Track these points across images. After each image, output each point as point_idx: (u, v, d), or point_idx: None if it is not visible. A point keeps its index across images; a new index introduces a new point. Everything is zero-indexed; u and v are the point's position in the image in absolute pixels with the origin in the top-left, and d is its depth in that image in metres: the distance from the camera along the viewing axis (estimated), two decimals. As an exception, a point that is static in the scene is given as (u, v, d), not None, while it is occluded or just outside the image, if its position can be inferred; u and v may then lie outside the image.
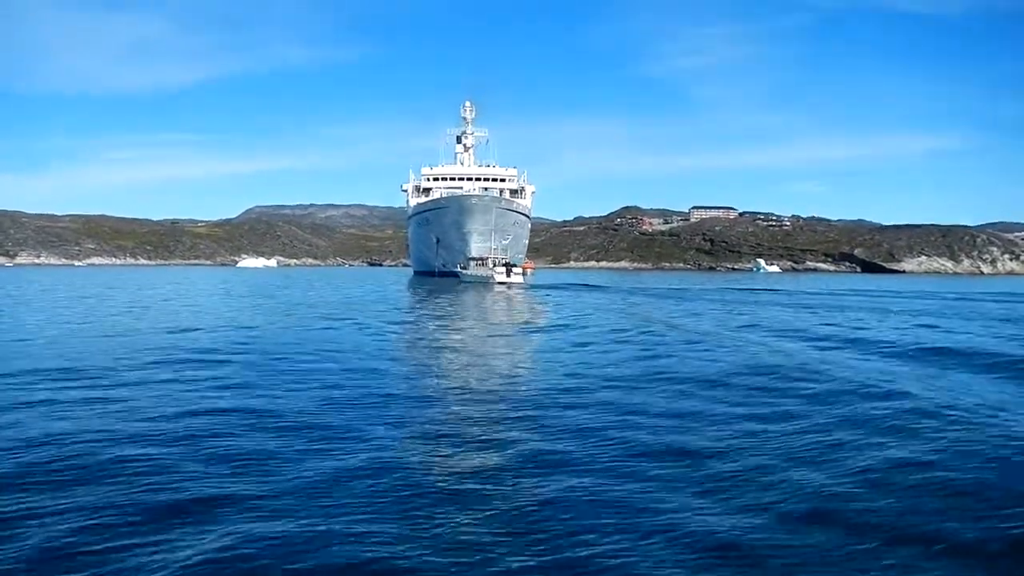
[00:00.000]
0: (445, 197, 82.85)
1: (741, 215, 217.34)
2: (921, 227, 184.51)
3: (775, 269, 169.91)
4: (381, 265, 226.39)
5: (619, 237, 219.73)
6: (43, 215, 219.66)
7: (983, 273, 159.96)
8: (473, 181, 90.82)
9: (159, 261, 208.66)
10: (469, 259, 72.88)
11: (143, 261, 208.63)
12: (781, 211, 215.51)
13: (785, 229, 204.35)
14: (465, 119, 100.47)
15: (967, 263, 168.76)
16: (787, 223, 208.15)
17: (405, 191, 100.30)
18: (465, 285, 61.63)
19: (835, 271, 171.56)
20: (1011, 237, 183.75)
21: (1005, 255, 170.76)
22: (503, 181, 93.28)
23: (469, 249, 73.93)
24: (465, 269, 71.11)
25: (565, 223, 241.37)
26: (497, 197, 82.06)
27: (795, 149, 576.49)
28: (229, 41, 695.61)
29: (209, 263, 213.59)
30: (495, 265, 65.32)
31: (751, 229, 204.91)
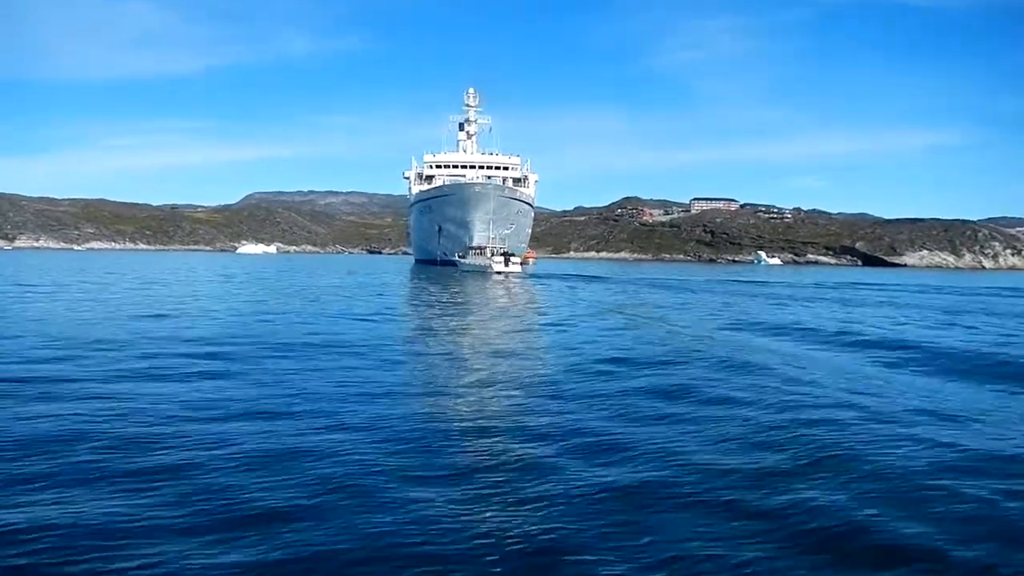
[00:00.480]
0: (448, 185, 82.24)
1: (742, 207, 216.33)
2: (923, 221, 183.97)
3: (776, 262, 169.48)
4: (380, 253, 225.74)
5: (619, 228, 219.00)
6: (43, 199, 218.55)
7: (985, 268, 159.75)
8: (476, 169, 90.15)
9: (158, 246, 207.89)
10: (468, 248, 72.33)
11: (142, 246, 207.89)
12: (782, 204, 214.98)
13: (786, 222, 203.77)
14: (468, 106, 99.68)
15: (968, 258, 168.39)
16: (788, 216, 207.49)
17: (407, 178, 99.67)
18: (463, 274, 61.15)
19: (836, 264, 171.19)
20: (1013, 232, 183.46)
21: (1007, 250, 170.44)
22: (506, 169, 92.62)
23: (472, 237, 73.33)
24: (463, 258, 70.50)
25: (565, 213, 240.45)
26: (500, 186, 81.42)
27: (796, 143, 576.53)
28: (231, 29, 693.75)
29: (208, 249, 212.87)
30: (493, 254, 64.91)
31: (752, 221, 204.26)
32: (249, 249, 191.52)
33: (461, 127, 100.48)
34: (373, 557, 5.33)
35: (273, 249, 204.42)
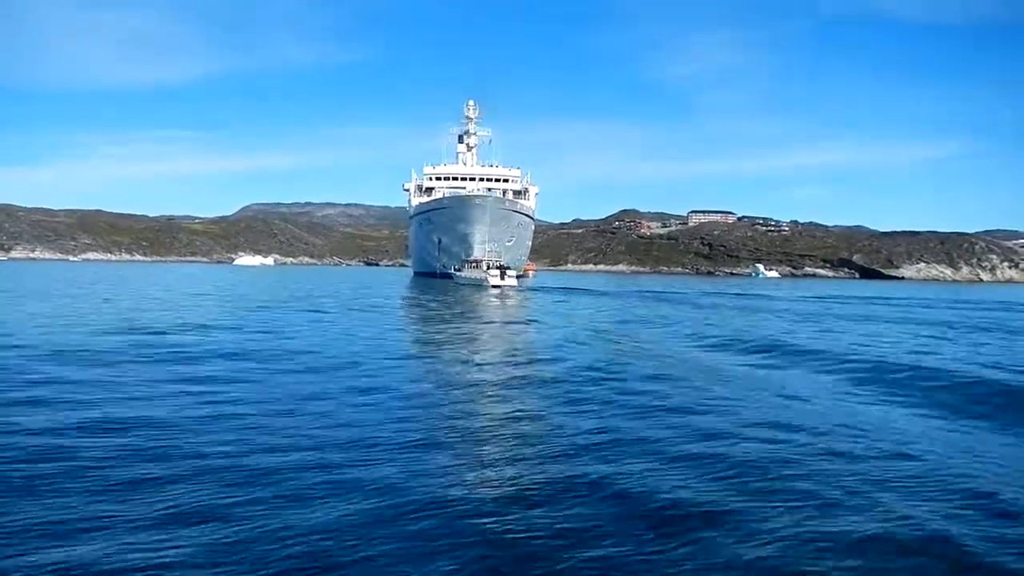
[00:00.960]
0: (448, 197, 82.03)
1: (740, 220, 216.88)
2: (920, 234, 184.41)
3: (774, 274, 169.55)
4: (378, 265, 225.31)
5: (617, 240, 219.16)
6: (38, 209, 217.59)
7: (982, 280, 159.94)
8: (476, 181, 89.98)
9: (155, 257, 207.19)
10: (464, 261, 72.22)
11: (139, 257, 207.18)
12: (779, 216, 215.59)
13: (784, 234, 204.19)
14: (469, 118, 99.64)
15: (966, 270, 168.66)
16: (786, 228, 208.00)
17: (407, 190, 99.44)
18: (459, 287, 60.73)
19: (834, 277, 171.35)
20: (1010, 244, 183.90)
21: (1004, 263, 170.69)
22: (506, 181, 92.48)
23: (472, 250, 73.16)
24: (459, 271, 70.40)
25: (563, 225, 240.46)
26: (501, 198, 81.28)
27: (793, 155, 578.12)
28: (228, 39, 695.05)
29: (205, 260, 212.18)
30: (489, 268, 64.64)
31: (749, 234, 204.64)
32: (246, 261, 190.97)
33: (460, 139, 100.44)
34: None
35: (270, 261, 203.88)
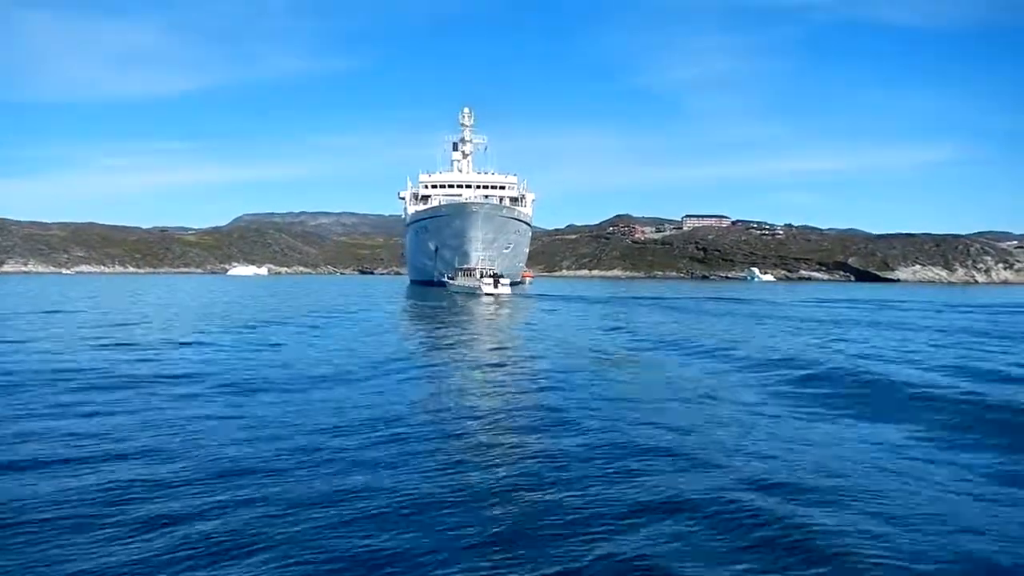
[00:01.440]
0: (445, 205, 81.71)
1: (734, 224, 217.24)
2: (914, 236, 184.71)
3: (769, 278, 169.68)
4: (372, 273, 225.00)
5: (611, 245, 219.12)
6: (32, 222, 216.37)
7: (977, 282, 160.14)
8: (473, 189, 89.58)
9: (148, 269, 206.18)
10: (457, 269, 71.96)
11: (132, 269, 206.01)
12: (773, 220, 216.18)
13: (778, 238, 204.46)
14: (464, 125, 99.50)
15: (961, 272, 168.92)
16: (780, 232, 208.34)
17: (403, 198, 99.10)
18: (453, 295, 60.34)
19: (829, 280, 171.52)
20: (1004, 246, 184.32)
21: (999, 264, 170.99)
22: (503, 189, 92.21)
23: (469, 258, 72.82)
24: (452, 279, 70.14)
25: (557, 231, 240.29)
26: (498, 205, 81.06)
27: (786, 159, 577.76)
28: (221, 49, 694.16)
29: (199, 271, 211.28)
30: (482, 276, 64.43)
31: (744, 238, 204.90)
32: (240, 271, 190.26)
33: (455, 146, 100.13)
34: None
35: (264, 271, 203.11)
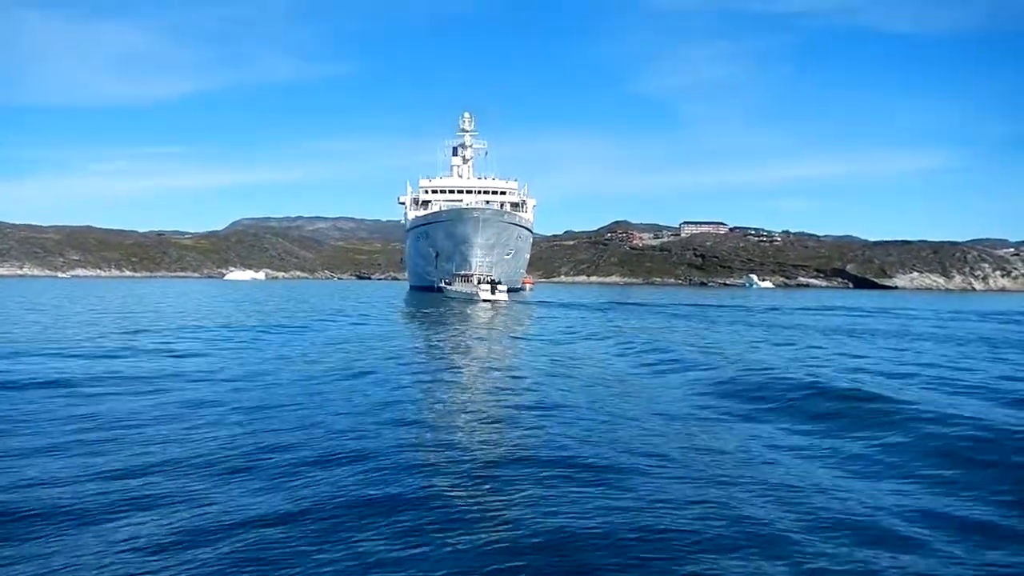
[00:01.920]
0: (446, 210, 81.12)
1: (732, 230, 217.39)
2: (912, 243, 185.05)
3: (768, 285, 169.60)
4: (370, 278, 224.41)
5: (609, 252, 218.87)
6: (27, 225, 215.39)
7: (975, 290, 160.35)
8: (474, 194, 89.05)
9: (144, 273, 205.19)
10: (454, 275, 71.67)
11: (128, 273, 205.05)
12: (770, 226, 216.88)
13: (776, 244, 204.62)
14: (464, 130, 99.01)
15: (959, 279, 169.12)
16: (778, 238, 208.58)
17: (402, 204, 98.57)
18: (450, 301, 59.94)
19: (827, 286, 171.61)
20: (1001, 253, 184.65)
21: (997, 271, 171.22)
22: (504, 194, 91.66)
23: (470, 264, 72.41)
24: (450, 285, 69.85)
25: (555, 237, 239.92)
26: (500, 211, 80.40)
27: (783, 166, 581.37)
28: (218, 53, 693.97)
29: (196, 275, 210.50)
30: (480, 282, 64.07)
31: (742, 244, 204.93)
32: (237, 276, 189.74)
33: (455, 151, 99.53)
34: None
35: (261, 275, 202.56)
